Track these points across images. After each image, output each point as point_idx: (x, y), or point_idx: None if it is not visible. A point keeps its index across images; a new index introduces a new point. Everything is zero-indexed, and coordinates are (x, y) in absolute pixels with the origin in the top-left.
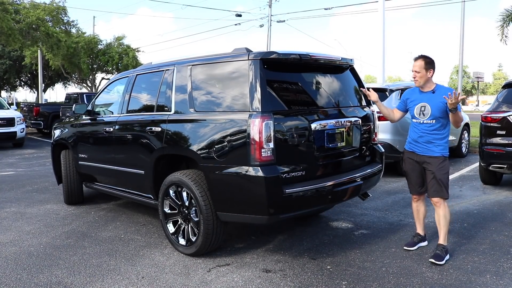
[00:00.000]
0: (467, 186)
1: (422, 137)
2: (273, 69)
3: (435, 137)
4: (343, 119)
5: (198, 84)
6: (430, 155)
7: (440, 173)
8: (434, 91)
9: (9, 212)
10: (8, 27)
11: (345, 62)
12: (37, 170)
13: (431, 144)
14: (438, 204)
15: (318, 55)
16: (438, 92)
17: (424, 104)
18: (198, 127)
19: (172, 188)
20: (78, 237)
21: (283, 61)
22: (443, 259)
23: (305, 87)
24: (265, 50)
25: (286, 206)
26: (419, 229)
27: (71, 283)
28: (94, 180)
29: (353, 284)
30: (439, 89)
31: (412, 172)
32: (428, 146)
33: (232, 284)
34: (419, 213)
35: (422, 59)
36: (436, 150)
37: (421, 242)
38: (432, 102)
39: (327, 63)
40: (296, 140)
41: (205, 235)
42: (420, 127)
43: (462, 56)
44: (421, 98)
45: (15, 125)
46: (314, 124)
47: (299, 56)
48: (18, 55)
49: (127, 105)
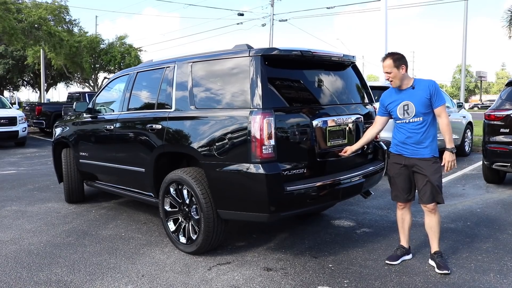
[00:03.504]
0: (470, 184)
1: (411, 138)
2: (274, 66)
3: (424, 137)
4: (345, 116)
5: (199, 81)
6: (421, 157)
7: (435, 177)
8: (414, 87)
9: (10, 211)
10: (10, 27)
11: (347, 59)
12: (39, 169)
13: (420, 145)
14: (433, 211)
15: (320, 52)
16: (418, 86)
17: (406, 102)
18: (198, 124)
19: (172, 186)
20: (78, 236)
21: (285, 58)
22: (447, 265)
23: (307, 84)
24: (267, 47)
25: (287, 204)
26: (403, 241)
27: (70, 281)
28: (95, 178)
29: (355, 282)
30: (418, 83)
31: (398, 177)
32: (417, 148)
33: (233, 282)
34: (404, 222)
35: (390, 57)
36: (426, 152)
37: (405, 255)
38: (414, 98)
39: (329, 59)
40: (297, 137)
41: (205, 233)
42: (406, 127)
43: (465, 55)
44: (402, 97)
45: (17, 124)
46: (315, 121)
47: (300, 52)
48: (20, 55)
49: (127, 103)
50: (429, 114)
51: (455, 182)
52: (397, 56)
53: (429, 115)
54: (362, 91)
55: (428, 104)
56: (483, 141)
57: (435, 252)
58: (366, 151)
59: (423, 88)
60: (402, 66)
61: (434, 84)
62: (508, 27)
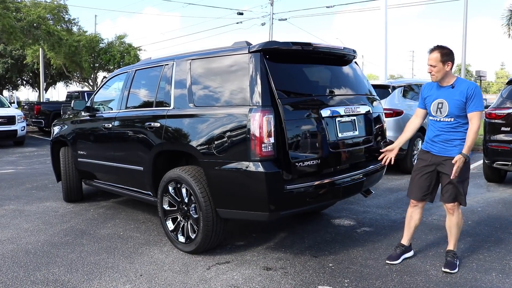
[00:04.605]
0: (470, 183)
1: (439, 136)
2: (274, 61)
3: (453, 136)
4: (354, 106)
5: (198, 78)
6: (448, 156)
7: (460, 177)
8: (454, 86)
9: (8, 210)
10: (9, 25)
11: (348, 52)
12: (37, 168)
13: (448, 143)
14: (452, 211)
15: (321, 45)
16: (458, 87)
17: (441, 100)
18: (197, 122)
19: (171, 184)
20: (76, 235)
21: (285, 52)
22: (456, 266)
23: (310, 78)
24: (266, 41)
25: (287, 203)
26: (404, 239)
27: (68, 280)
28: (93, 177)
29: (356, 282)
30: (459, 83)
31: (419, 174)
32: (446, 146)
33: (232, 282)
34: (411, 220)
35: (438, 50)
36: (454, 151)
37: (405, 253)
38: (450, 98)
39: (330, 53)
40: (308, 130)
41: (204, 232)
42: (437, 125)
43: (465, 54)
44: (439, 94)
45: (15, 123)
46: (323, 112)
47: (301, 46)
48: (19, 54)
49: (126, 101)
50: (463, 117)
51: None
52: (446, 51)
53: (463, 117)
54: (366, 84)
55: (463, 107)
56: (483, 139)
57: (448, 251)
58: (368, 149)
59: (462, 90)
60: (449, 62)
61: (475, 88)
62: (507, 26)
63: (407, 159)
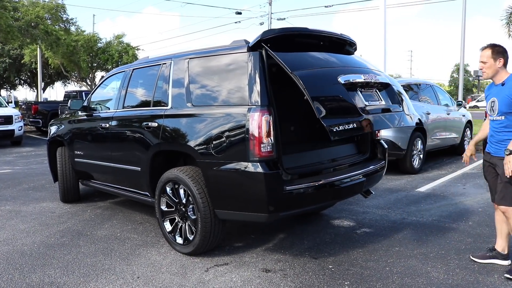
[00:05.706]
0: (470, 184)
1: (493, 136)
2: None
3: (504, 137)
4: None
5: (196, 77)
6: (501, 157)
7: (507, 177)
8: (504, 83)
9: (4, 210)
10: (6, 25)
11: (346, 38)
12: (34, 168)
13: (501, 144)
14: (506, 214)
15: (319, 30)
16: (507, 83)
17: (493, 99)
18: (195, 122)
19: (169, 185)
20: (73, 236)
21: (285, 39)
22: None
23: (316, 62)
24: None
25: (287, 204)
26: (497, 243)
27: (63, 283)
28: (90, 177)
29: (356, 284)
30: (509, 80)
31: (488, 175)
32: (499, 147)
33: (231, 284)
34: (497, 223)
35: (490, 48)
36: None
37: (495, 259)
38: (500, 96)
39: (330, 38)
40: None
41: (202, 234)
42: (491, 124)
43: (463, 54)
44: (492, 92)
45: (13, 123)
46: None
47: (298, 32)
48: (17, 54)
49: (123, 100)
50: None
51: (456, 181)
52: (498, 48)
53: None
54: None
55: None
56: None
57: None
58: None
59: (509, 87)
60: (500, 59)
61: None
62: (507, 25)
63: (407, 159)
